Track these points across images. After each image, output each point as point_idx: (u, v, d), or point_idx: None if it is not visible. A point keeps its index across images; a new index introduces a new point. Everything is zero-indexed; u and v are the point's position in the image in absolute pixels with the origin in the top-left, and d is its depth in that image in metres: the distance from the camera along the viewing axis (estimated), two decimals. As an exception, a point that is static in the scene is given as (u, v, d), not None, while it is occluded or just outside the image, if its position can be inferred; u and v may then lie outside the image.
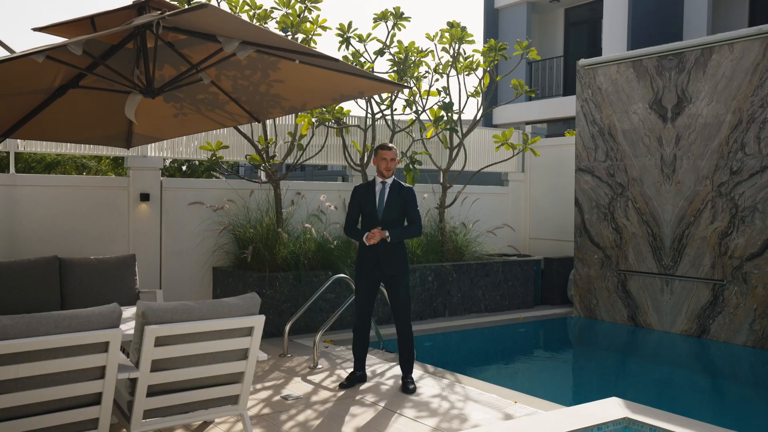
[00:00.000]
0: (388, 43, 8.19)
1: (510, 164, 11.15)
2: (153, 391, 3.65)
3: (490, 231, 9.68)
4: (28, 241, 6.91)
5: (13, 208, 6.86)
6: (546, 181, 10.99)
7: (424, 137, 9.11)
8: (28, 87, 5.40)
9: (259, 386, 5.44)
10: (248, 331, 3.87)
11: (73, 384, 3.33)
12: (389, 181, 5.41)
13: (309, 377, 5.73)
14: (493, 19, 18.56)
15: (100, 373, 3.40)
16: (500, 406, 4.93)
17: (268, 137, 7.72)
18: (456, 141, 9.24)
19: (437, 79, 8.58)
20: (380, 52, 8.22)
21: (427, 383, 5.55)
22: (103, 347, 3.36)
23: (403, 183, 5.49)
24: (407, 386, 5.33)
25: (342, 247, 8.08)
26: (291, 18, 7.29)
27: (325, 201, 8.50)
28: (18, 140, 6.95)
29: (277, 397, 5.14)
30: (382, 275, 5.39)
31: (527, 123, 16.58)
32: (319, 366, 6.08)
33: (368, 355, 6.41)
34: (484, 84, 9.13)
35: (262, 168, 7.53)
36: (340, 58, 8.19)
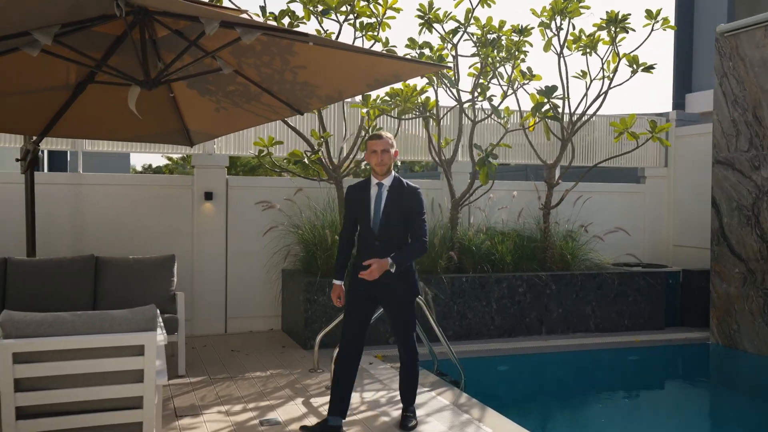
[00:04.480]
0: (463, 21, 7.21)
1: (648, 158, 9.50)
2: (28, 413, 3.25)
3: (598, 236, 8.20)
4: (93, 238, 7.04)
5: (79, 206, 7.04)
6: (692, 178, 9.15)
7: (526, 127, 7.98)
8: (44, 83, 5.39)
9: (251, 405, 4.90)
10: (139, 350, 3.32)
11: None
12: (387, 181, 4.29)
13: (314, 399, 5.06)
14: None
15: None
16: (500, 460, 3.88)
17: (326, 131, 7.14)
18: (566, 131, 7.96)
19: (522, 59, 7.39)
20: (454, 32, 7.26)
21: (440, 418, 4.61)
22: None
23: (405, 181, 4.36)
24: (406, 422, 4.43)
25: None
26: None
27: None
28: (85, 140, 7.13)
29: (255, 422, 4.55)
30: (383, 299, 4.36)
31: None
32: (338, 386, 5.37)
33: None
34: (609, 64, 7.75)
35: (308, 163, 6.99)
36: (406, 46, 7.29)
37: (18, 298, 5.74)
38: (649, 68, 7.37)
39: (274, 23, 6.81)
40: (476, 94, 7.46)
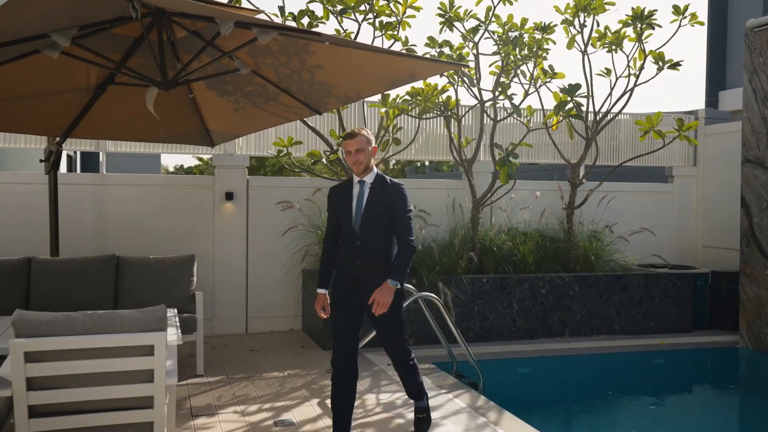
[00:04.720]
0: (484, 19, 7.13)
1: (676, 157, 9.29)
2: (41, 412, 3.28)
3: (623, 237, 8.04)
4: (115, 238, 7.11)
5: (102, 206, 7.13)
6: (721, 177, 8.93)
7: (549, 126, 7.86)
8: (65, 85, 5.45)
9: (267, 406, 4.89)
10: (148, 350, 3.33)
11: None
12: (368, 179, 4.05)
13: (330, 400, 5.03)
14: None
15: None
16: (515, 465, 3.81)
17: (345, 131, 7.12)
18: (590, 130, 7.83)
19: (544, 57, 7.27)
20: (474, 30, 7.18)
21: (456, 421, 4.55)
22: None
23: (388, 177, 4.10)
24: (420, 425, 4.37)
25: (426, 251, 7.23)
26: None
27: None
28: (108, 141, 7.21)
29: (269, 422, 4.54)
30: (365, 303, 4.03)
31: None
32: (359, 387, 5.34)
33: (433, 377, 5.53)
34: (635, 61, 7.60)
35: (327, 163, 6.97)
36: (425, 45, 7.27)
37: (41, 297, 5.83)
38: (675, 65, 7.21)
39: (293, 23, 6.81)
40: (497, 92, 7.38)
